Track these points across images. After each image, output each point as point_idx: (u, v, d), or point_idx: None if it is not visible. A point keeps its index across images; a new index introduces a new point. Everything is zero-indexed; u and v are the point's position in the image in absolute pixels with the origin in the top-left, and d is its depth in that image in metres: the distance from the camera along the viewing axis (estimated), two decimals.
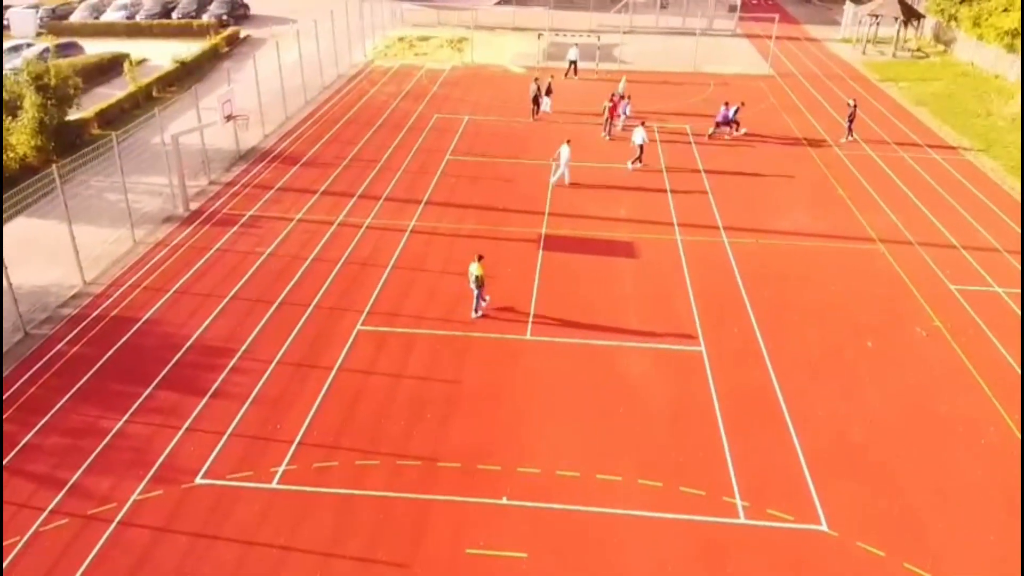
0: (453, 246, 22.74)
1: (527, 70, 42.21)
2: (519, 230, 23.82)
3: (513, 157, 29.68)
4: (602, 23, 50.60)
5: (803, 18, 57.68)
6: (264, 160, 28.85)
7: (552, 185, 26.90)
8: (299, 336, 18.34)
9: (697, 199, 26.28)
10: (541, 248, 22.76)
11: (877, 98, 38.24)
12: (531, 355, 17.87)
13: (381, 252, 22.27)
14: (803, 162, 29.65)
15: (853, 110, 31.15)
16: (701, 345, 18.28)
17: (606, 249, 22.80)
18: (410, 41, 47.67)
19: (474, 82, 39.90)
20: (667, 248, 22.96)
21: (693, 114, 34.75)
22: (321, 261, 21.71)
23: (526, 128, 32.96)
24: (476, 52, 44.90)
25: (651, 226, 24.31)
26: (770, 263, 22.21)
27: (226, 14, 52.30)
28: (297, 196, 25.78)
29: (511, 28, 51.54)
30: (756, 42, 49.87)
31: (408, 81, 39.67)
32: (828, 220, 24.90)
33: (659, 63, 43.39)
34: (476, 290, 19.06)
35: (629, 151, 29.80)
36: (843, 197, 26.61)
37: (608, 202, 25.94)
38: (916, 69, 44.01)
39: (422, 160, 29.19)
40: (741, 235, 23.82)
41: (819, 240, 23.58)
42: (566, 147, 26.60)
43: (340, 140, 31.02)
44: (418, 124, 33.12)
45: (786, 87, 39.61)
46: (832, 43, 50.49)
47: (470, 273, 18.97)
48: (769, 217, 25.05)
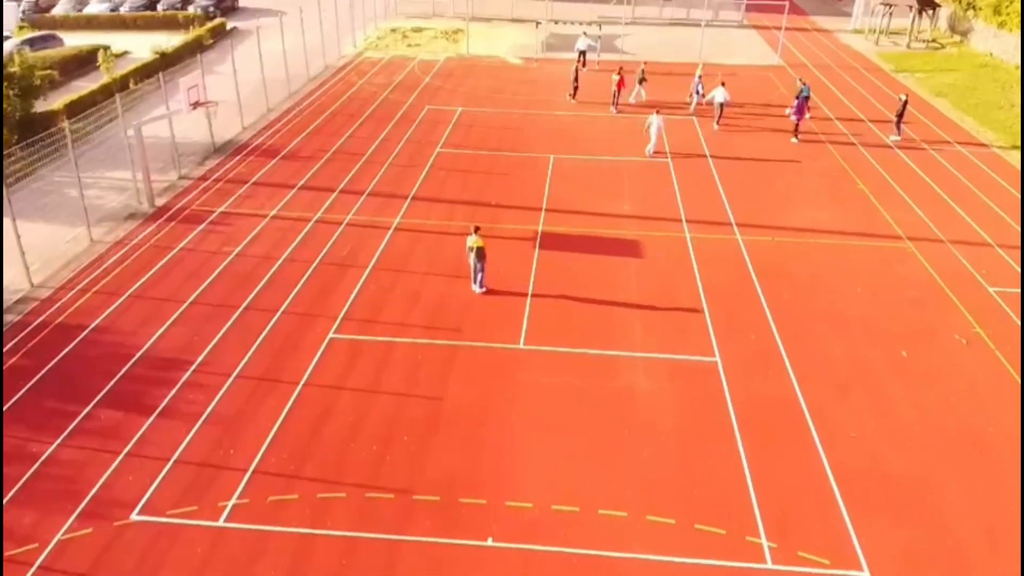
0: (441, 245, 20.75)
1: (524, 61, 40.22)
2: (513, 227, 21.83)
3: (508, 150, 27.69)
4: (603, 14, 48.64)
5: (811, 9, 55.64)
6: (241, 153, 26.86)
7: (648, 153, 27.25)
8: (263, 346, 16.35)
9: (706, 193, 24.28)
10: (537, 247, 20.76)
11: (894, 89, 36.15)
12: (525, 367, 15.87)
13: (361, 251, 20.28)
14: (819, 154, 27.63)
15: (903, 106, 28.78)
16: (716, 355, 16.27)
17: (609, 248, 20.80)
18: (403, 32, 45.71)
19: (469, 73, 37.92)
20: (675, 246, 20.96)
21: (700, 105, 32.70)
22: (294, 261, 19.71)
23: (522, 120, 30.96)
24: (472, 43, 42.92)
25: (657, 223, 22.30)
26: (788, 263, 20.21)
27: (213, 6, 50.34)
28: (273, 191, 23.79)
29: (509, 19, 49.54)
30: (764, 33, 47.86)
31: (399, 72, 37.70)
32: (850, 216, 22.89)
33: (663, 54, 41.36)
34: (476, 263, 17.88)
35: (630, 139, 27.84)
36: (864, 191, 24.59)
37: (611, 196, 23.94)
38: (932, 60, 41.98)
39: (410, 152, 27.20)
40: (755, 232, 21.82)
41: (841, 238, 21.57)
42: (656, 117, 26.82)
43: (324, 132, 29.03)
44: (407, 116, 31.15)
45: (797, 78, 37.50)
46: (843, 34, 48.44)
47: (468, 246, 17.80)
48: (785, 212, 23.04)
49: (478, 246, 17.70)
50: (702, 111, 31.80)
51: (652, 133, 26.82)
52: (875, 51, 44.05)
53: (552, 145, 28.18)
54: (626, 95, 32.60)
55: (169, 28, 46.98)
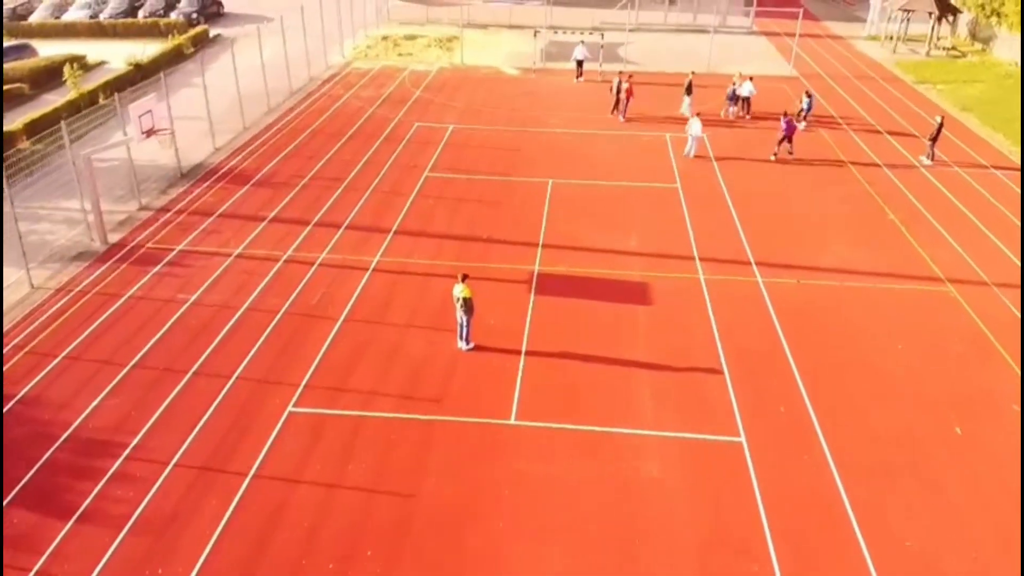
0: (424, 289, 18.44)
1: (522, 72, 37.89)
2: (507, 267, 19.51)
3: (503, 174, 25.37)
4: (605, 20, 46.23)
5: (822, 14, 53.25)
6: (209, 179, 24.55)
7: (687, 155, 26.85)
8: (211, 423, 14.03)
9: (720, 224, 21.94)
10: (533, 291, 18.44)
11: (917, 102, 33.83)
12: (515, 450, 13.54)
13: (333, 298, 17.96)
14: (842, 179, 25.28)
15: (939, 128, 26.28)
16: (740, 433, 13.93)
17: (613, 292, 18.48)
18: (395, 40, 43.39)
19: (463, 85, 35.59)
20: (688, 290, 18.63)
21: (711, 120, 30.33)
22: (256, 311, 17.40)
23: (518, 138, 28.62)
24: (467, 52, 40.60)
25: (667, 261, 19.97)
26: (816, 311, 17.87)
27: (196, 12, 48.09)
28: (241, 224, 21.47)
29: (506, 26, 47.24)
30: (775, 40, 45.49)
31: (389, 84, 35.37)
32: (882, 253, 20.55)
33: (669, 63, 39.03)
34: (464, 317, 15.62)
35: (635, 159, 25.54)
36: (895, 223, 22.24)
37: (615, 229, 21.61)
38: (954, 70, 39.62)
39: (395, 178, 24.88)
40: (777, 272, 19.48)
41: (874, 280, 19.22)
42: (697, 121, 26.44)
43: (302, 154, 26.71)
44: (395, 134, 28.83)
45: (812, 90, 35.16)
46: (857, 41, 46.08)
47: (455, 296, 15.51)
48: (808, 248, 20.70)
49: (465, 296, 15.43)
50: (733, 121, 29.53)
51: (691, 135, 26.47)
52: (893, 60, 41.68)
53: (550, 167, 25.87)
54: (634, 105, 30.49)
55: (151, 36, 44.77)
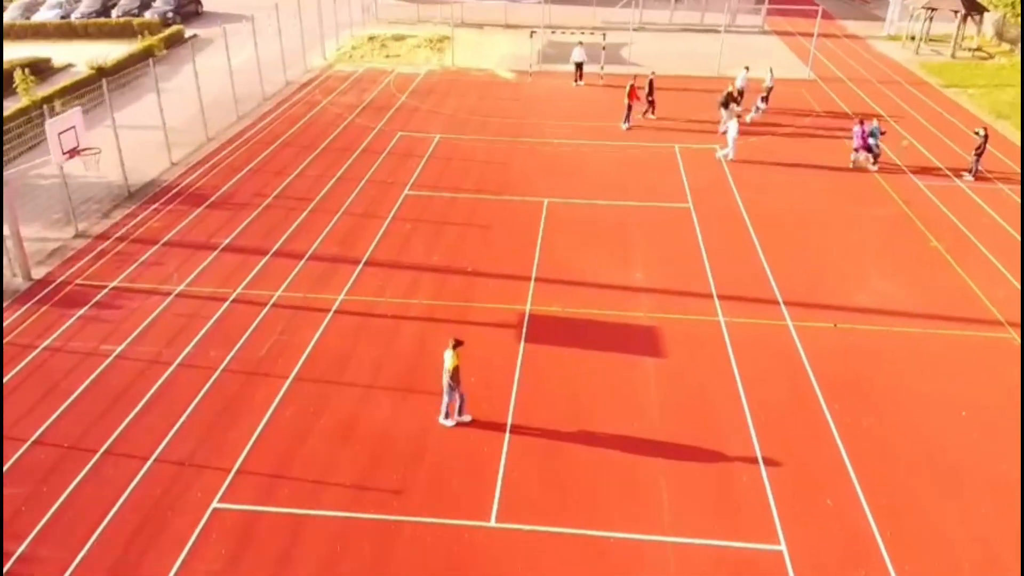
0: (393, 337, 15.60)
1: (517, 75, 35.02)
2: (493, 308, 16.67)
3: (492, 192, 22.53)
4: (607, 19, 43.43)
5: (838, 13, 50.33)
6: (160, 200, 21.70)
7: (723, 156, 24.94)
8: (116, 523, 11.18)
9: (742, 253, 19.09)
10: (523, 339, 15.60)
11: (948, 109, 30.96)
12: (496, 561, 10.68)
13: (285, 349, 15.12)
14: (875, 198, 22.41)
15: (984, 142, 23.33)
16: (780, 539, 11.06)
17: (617, 339, 15.64)
18: (382, 40, 40.53)
19: (452, 90, 32.74)
20: (706, 337, 15.78)
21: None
22: (191, 368, 14.56)
23: (511, 150, 25.77)
24: (458, 53, 37.74)
25: (680, 300, 17.13)
26: (860, 365, 15.00)
27: (172, 11, 45.28)
28: (188, 255, 18.64)
29: (502, 25, 44.38)
30: (788, 40, 42.60)
31: (372, 89, 32.51)
32: (929, 289, 17.69)
33: (676, 66, 36.15)
34: (449, 388, 12.69)
35: (641, 173, 22.72)
36: (939, 251, 19.37)
37: (619, 258, 18.77)
38: (982, 72, 36.71)
39: (371, 197, 22.04)
40: (810, 314, 16.63)
41: (923, 323, 16.36)
42: (735, 123, 24.66)
43: (268, 170, 23.86)
44: (374, 146, 25.98)
45: (832, 94, 32.36)
46: (876, 41, 43.18)
47: (444, 365, 12.56)
48: (844, 283, 17.84)
49: (454, 366, 12.53)
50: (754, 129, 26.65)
51: (729, 138, 24.62)
52: (916, 61, 38.78)
53: (546, 184, 23.03)
54: (639, 109, 27.82)
55: (124, 36, 42.00)
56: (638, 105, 27.90)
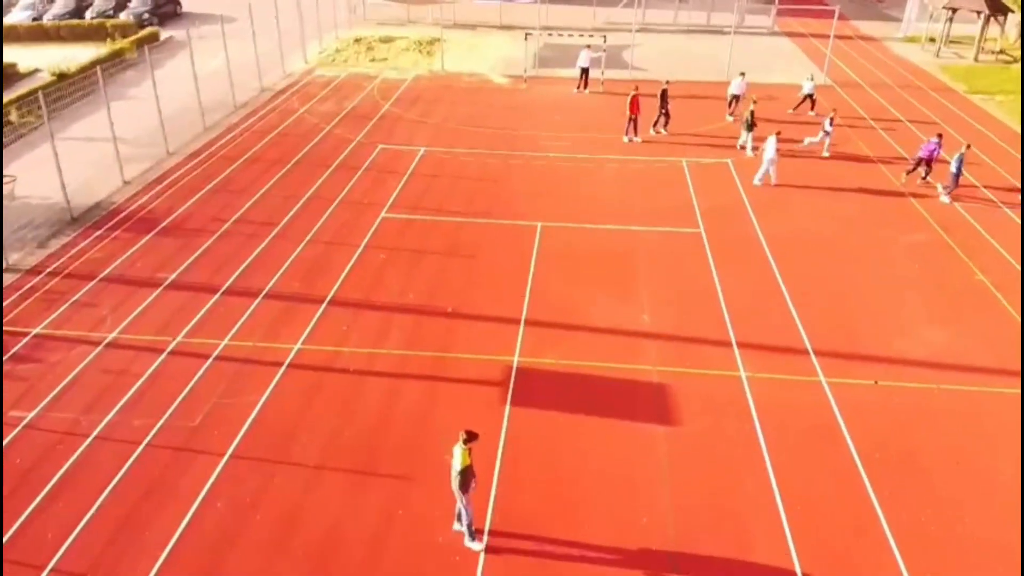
0: (354, 399, 13.19)
1: (512, 80, 32.59)
2: (475, 360, 14.27)
3: (480, 215, 20.13)
4: (609, 20, 41.06)
5: (851, 13, 47.83)
6: (106, 225, 19.28)
7: (755, 182, 21.89)
8: None
9: (762, 290, 16.67)
10: (509, 400, 13.19)
11: (976, 118, 28.54)
12: None
13: (223, 418, 12.71)
14: (908, 222, 19.98)
15: None
16: None
17: (620, 402, 13.23)
18: (368, 43, 38.09)
19: (441, 97, 30.31)
20: (726, 398, 13.37)
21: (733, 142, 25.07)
22: (107, 443, 12.14)
23: (503, 165, 23.35)
24: (449, 57, 35.31)
25: (694, 349, 14.71)
26: (910, 434, 12.60)
27: (148, 12, 42.83)
28: (127, 294, 16.23)
29: (497, 26, 41.95)
30: (800, 42, 40.15)
31: (354, 96, 30.08)
32: (978, 334, 15.28)
33: (682, 70, 33.72)
34: (460, 495, 9.90)
35: (651, 193, 20.33)
36: (987, 286, 16.96)
37: (622, 295, 16.37)
38: (1009, 78, 34.25)
39: (343, 221, 19.63)
40: (847, 368, 14.22)
41: (978, 379, 13.96)
42: (773, 139, 21.31)
43: (230, 189, 21.44)
44: (352, 160, 23.56)
45: (852, 102, 29.91)
46: (893, 43, 40.74)
47: (453, 463, 9.88)
48: (883, 329, 15.42)
49: (465, 466, 9.78)
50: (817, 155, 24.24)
51: (765, 158, 21.52)
52: (937, 65, 36.35)
53: (541, 205, 20.64)
54: (648, 120, 25.38)
55: (97, 39, 39.59)
56: (645, 116, 25.31)
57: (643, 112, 25.07)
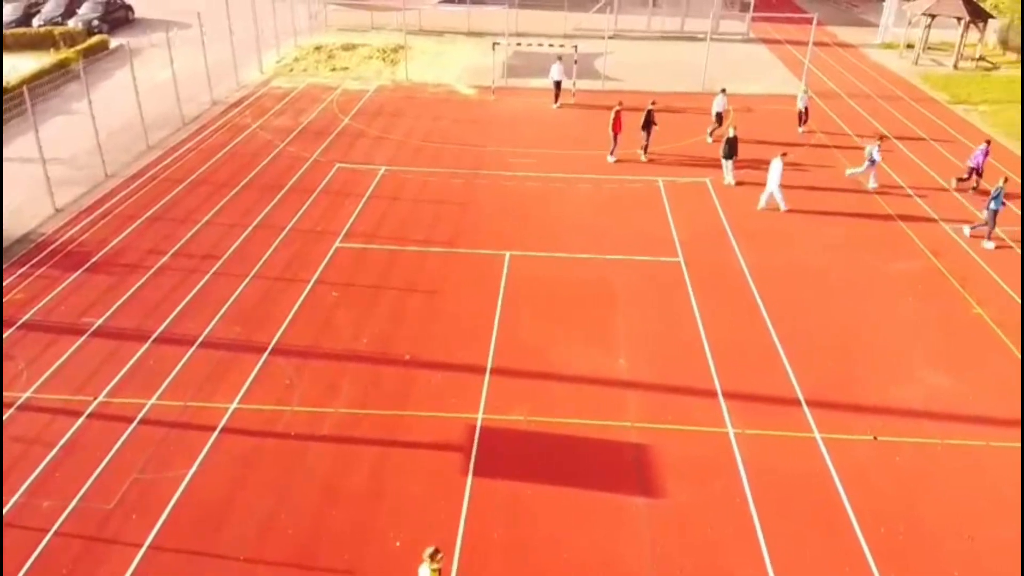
0: (295, 471, 11.65)
1: (479, 91, 31.12)
2: (434, 418, 12.80)
3: (443, 244, 18.66)
4: (580, 26, 39.72)
5: (826, 18, 46.95)
6: (30, 262, 17.47)
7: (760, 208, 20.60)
8: None
9: (749, 332, 15.37)
10: (472, 470, 11.74)
11: (960, 129, 27.61)
12: None
13: (142, 498, 11.10)
14: (899, 249, 18.85)
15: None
16: None
17: (597, 468, 11.85)
18: (329, 51, 36.38)
19: (404, 110, 28.76)
20: (713, 460, 12.05)
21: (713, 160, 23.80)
22: (11, 531, 10.49)
23: (469, 187, 21.90)
24: (414, 66, 33.74)
25: (677, 400, 13.38)
26: (916, 500, 11.36)
27: (98, 19, 40.67)
28: (46, 343, 14.52)
29: (464, 33, 40.46)
30: (776, 49, 39.16)
31: (312, 109, 28.43)
32: (981, 379, 14.12)
33: (656, 80, 32.48)
34: None
35: (627, 218, 18.99)
36: (986, 322, 15.83)
37: (597, 338, 14.99)
38: (990, 85, 33.48)
39: (293, 252, 18.05)
40: (842, 422, 12.97)
41: (984, 430, 12.80)
42: (778, 162, 19.99)
43: (171, 217, 19.73)
44: (306, 182, 21.95)
45: (832, 113, 28.84)
46: (870, 50, 39.89)
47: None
48: (880, 375, 14.20)
49: None
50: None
51: (770, 181, 20.22)
52: (916, 72, 35.50)
53: (509, 231, 19.23)
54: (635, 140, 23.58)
55: (45, 47, 37.44)
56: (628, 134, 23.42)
57: (626, 130, 23.40)
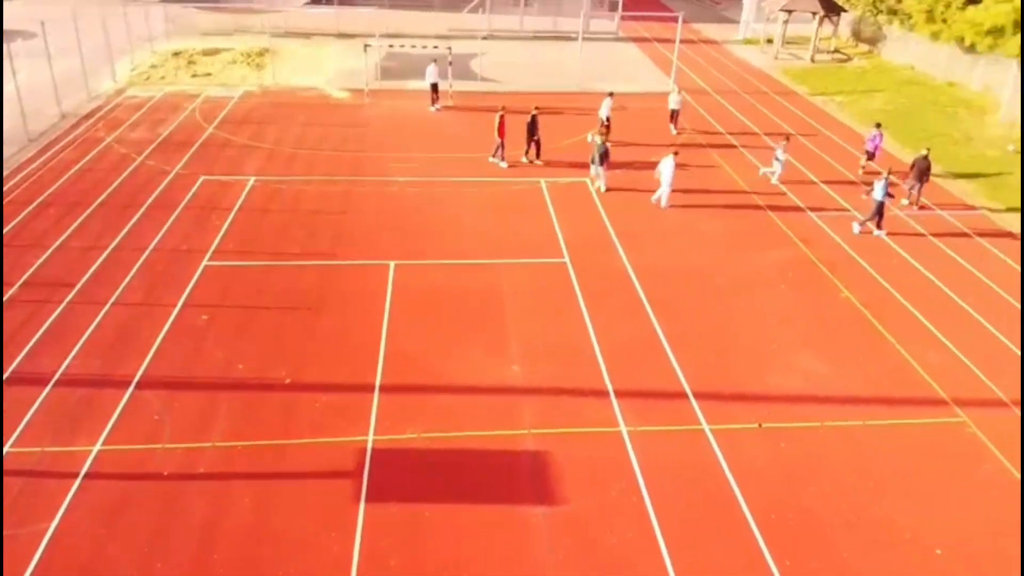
0: (169, 517, 10.71)
1: (353, 95, 30.25)
2: (320, 444, 12.13)
3: (322, 255, 17.88)
4: (453, 26, 39.41)
5: (690, 16, 48.72)
6: None
7: (653, 201, 21.02)
8: None
9: (636, 330, 15.48)
10: (364, 495, 11.16)
11: (820, 120, 29.15)
12: None
13: (5, 551, 9.96)
14: (771, 239, 19.56)
15: (926, 163, 20.91)
16: None
17: (494, 479, 11.55)
18: (189, 56, 34.47)
19: (274, 116, 27.56)
20: (608, 460, 12.00)
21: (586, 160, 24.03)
22: None
23: (348, 194, 21.13)
24: (282, 69, 32.46)
25: (571, 403, 13.26)
26: (800, 484, 11.69)
27: None
28: None
29: (334, 34, 39.31)
30: (645, 47, 40.19)
31: (172, 119, 26.75)
32: (852, 359, 14.78)
33: (532, 80, 32.62)
34: None
35: (512, 221, 18.81)
36: (858, 307, 16.61)
37: (489, 344, 14.70)
38: (845, 77, 35.59)
39: (157, 274, 16.79)
40: (728, 411, 13.22)
41: (857, 410, 13.36)
42: (670, 160, 20.30)
43: (17, 243, 17.90)
44: (168, 198, 20.56)
45: (703, 111, 29.79)
46: (734, 45, 41.63)
47: None
48: (760, 363, 14.60)
49: None
50: None
51: (664, 180, 20.49)
52: (777, 67, 37.31)
53: (393, 240, 18.67)
54: (509, 143, 23.26)
55: None
56: (512, 139, 23.07)
57: (510, 133, 23.09)
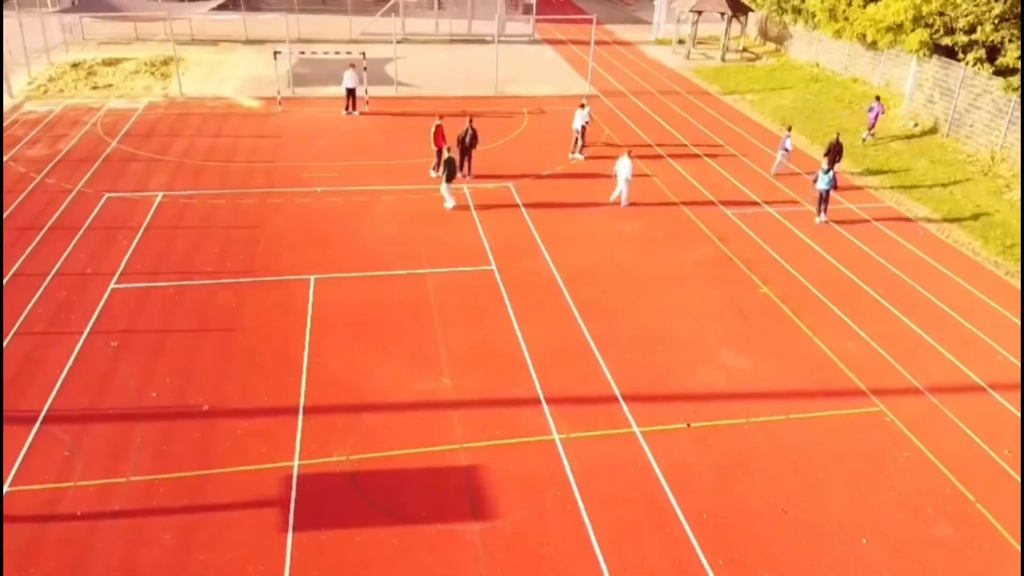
0: (85, 555, 10.09)
1: (264, 103, 29.38)
2: (243, 473, 11.64)
3: (238, 272, 17.23)
4: (366, 31, 38.77)
5: (604, 17, 49.32)
6: None
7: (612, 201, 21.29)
8: None
9: (564, 334, 15.46)
10: (291, 526, 10.74)
11: (732, 119, 29.89)
12: None
13: None
14: (690, 237, 19.89)
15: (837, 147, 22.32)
16: None
17: (428, 498, 11.30)
18: (89, 67, 32.83)
19: (180, 127, 26.49)
20: (542, 470, 11.91)
21: (515, 165, 24.01)
22: None
23: (262, 207, 20.45)
24: (188, 79, 31.27)
25: (503, 413, 13.14)
26: (730, 482, 11.88)
27: None
28: None
29: (242, 41, 38.14)
30: (561, 49, 40.45)
31: (72, 134, 25.39)
32: (773, 353, 15.15)
33: (450, 84, 32.39)
34: None
35: (435, 227, 18.55)
36: (772, 300, 17.05)
37: (416, 358, 14.42)
38: (755, 75, 36.60)
39: (60, 301, 15.86)
40: (658, 412, 13.34)
41: (783, 405, 13.68)
42: (626, 160, 20.55)
43: None
44: (71, 218, 19.48)
45: (618, 111, 30.17)
46: (647, 46, 42.34)
47: None
48: (685, 362, 14.80)
49: None
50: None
51: (621, 179, 20.74)
52: (689, 67, 38.12)
53: (312, 253, 18.15)
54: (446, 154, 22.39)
55: None
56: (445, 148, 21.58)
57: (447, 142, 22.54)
